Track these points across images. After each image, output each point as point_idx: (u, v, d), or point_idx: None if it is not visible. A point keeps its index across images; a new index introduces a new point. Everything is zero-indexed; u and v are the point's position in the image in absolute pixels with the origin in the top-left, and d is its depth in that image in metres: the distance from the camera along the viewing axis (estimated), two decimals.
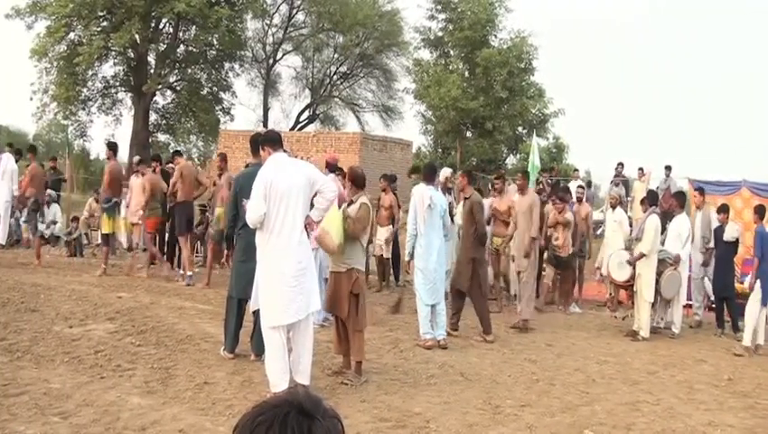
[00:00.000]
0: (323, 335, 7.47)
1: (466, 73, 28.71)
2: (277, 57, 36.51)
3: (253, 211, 5.51)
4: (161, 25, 29.64)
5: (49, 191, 13.64)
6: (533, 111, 28.40)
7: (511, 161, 30.13)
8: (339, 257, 6.25)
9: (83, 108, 30.04)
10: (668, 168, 16.67)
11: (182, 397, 5.47)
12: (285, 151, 5.82)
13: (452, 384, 6.48)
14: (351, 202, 6.47)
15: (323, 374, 6.32)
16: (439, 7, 28.82)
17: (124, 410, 5.05)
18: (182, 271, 11.03)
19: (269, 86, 36.53)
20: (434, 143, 31.38)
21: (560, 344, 8.69)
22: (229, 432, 4.79)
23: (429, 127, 30.64)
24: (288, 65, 38.15)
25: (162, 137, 32.39)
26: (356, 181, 6.62)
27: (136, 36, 27.88)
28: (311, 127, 35.95)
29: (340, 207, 6.27)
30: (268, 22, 35.25)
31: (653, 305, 9.64)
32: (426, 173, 8.55)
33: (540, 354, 8.01)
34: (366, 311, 6.48)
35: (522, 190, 9.85)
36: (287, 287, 5.49)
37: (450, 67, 29.21)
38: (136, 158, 12.75)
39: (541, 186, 14.67)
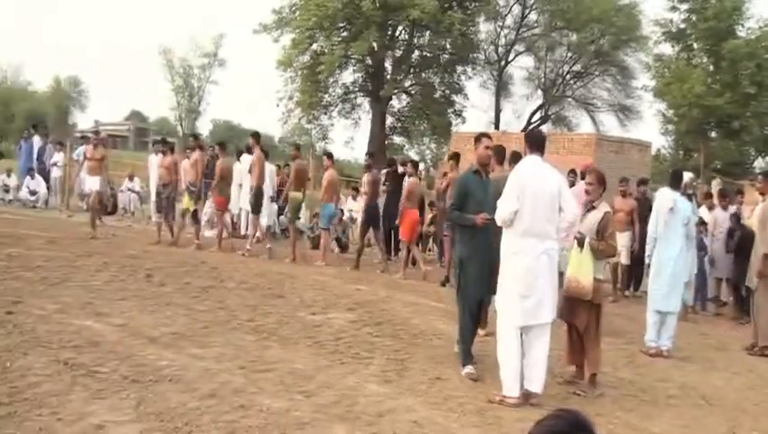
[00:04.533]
0: (553, 342, 7.24)
1: (711, 68, 26.48)
2: (509, 58, 36.39)
3: (504, 209, 5.50)
4: (397, 33, 30.88)
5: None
6: None
7: (760, 164, 27.30)
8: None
9: (325, 113, 32.21)
10: None
11: (417, 389, 5.58)
12: (542, 155, 5.73)
13: (693, 408, 5.97)
14: (592, 208, 6.20)
15: (553, 382, 6.11)
16: None
17: (361, 395, 5.25)
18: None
19: (501, 87, 36.52)
20: (674, 144, 29.38)
21: None
22: (461, 429, 4.80)
23: (670, 127, 28.71)
24: (520, 66, 37.91)
25: (397, 139, 33.76)
26: (604, 182, 6.35)
27: (374, 44, 29.27)
28: (543, 129, 35.34)
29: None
30: (501, 23, 35.25)
31: None
32: (672, 179, 8.32)
33: None
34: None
35: (763, 194, 8.83)
36: (528, 291, 5.41)
37: (693, 61, 27.13)
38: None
39: None
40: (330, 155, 13.23)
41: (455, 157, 11.94)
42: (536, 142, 5.78)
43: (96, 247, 11.04)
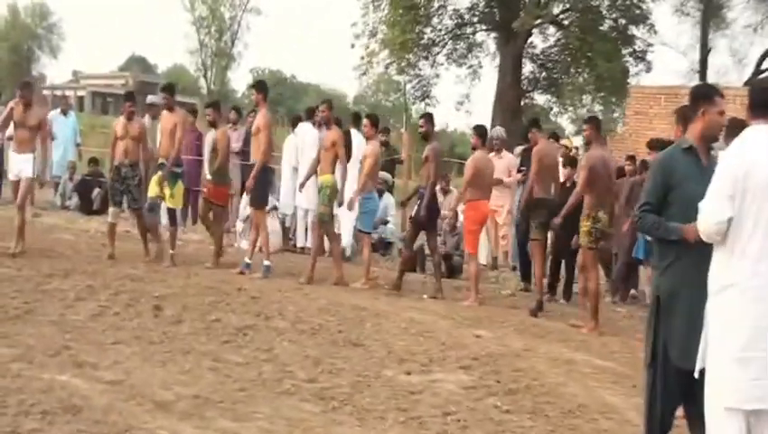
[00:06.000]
0: None
1: None
2: None
3: (709, 215, 5.29)
4: None
5: (382, 174, 14.72)
6: None
7: None
8: None
9: (425, 58, 32.17)
10: None
11: None
12: None
13: None
14: None
15: None
16: None
17: None
18: None
19: (710, 14, 35.72)
20: None
21: None
22: None
23: None
24: None
25: (540, 99, 33.39)
26: None
27: None
28: None
29: None
30: None
31: None
32: None
33: None
34: None
35: None
36: (750, 350, 5.20)
37: None
38: None
39: None
40: (373, 119, 12.88)
41: (536, 123, 12.41)
42: (763, 100, 5.57)
43: (75, 263, 11.38)
